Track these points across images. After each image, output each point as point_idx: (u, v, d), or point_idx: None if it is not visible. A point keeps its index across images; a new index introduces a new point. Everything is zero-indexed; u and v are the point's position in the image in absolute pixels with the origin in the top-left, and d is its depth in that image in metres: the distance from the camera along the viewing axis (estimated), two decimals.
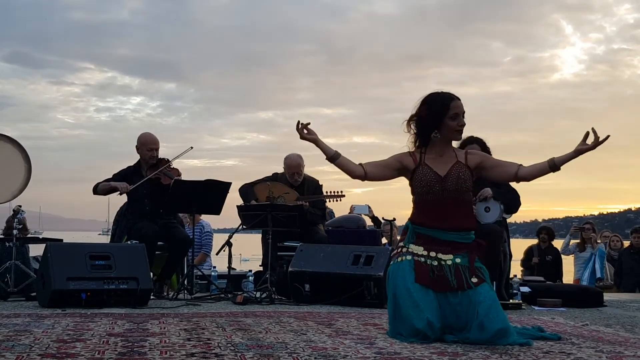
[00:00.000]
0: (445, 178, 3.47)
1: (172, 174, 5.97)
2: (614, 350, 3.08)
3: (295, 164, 6.45)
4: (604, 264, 9.18)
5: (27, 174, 5.67)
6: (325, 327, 3.76)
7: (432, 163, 3.50)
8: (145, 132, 6.18)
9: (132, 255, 5.08)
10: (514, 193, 5.72)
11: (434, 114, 3.45)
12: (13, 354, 2.69)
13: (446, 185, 3.46)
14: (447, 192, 3.45)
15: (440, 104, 3.46)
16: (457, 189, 3.46)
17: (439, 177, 3.47)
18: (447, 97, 3.48)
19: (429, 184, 3.48)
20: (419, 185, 3.50)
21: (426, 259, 3.39)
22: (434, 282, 3.32)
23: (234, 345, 3.02)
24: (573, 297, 5.59)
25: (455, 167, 3.49)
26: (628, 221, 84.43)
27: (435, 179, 3.47)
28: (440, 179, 3.47)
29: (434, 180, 3.47)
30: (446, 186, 3.46)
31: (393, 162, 3.58)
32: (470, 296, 3.27)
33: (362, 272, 5.19)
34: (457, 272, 3.32)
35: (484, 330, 3.18)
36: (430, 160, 3.51)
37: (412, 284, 3.32)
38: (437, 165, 3.49)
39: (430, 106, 3.47)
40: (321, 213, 6.54)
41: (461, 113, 3.48)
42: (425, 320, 3.21)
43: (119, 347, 2.92)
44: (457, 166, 3.49)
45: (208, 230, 8.19)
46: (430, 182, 3.48)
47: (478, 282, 3.30)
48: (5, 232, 6.64)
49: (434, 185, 3.47)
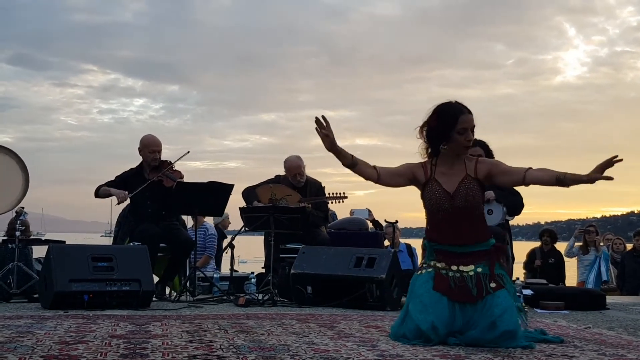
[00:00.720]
0: (454, 195, 3.43)
1: (175, 176, 5.98)
2: (616, 353, 3.07)
3: (295, 165, 6.46)
4: (609, 266, 9.17)
5: (25, 184, 5.70)
6: (328, 329, 3.76)
7: (441, 178, 3.46)
8: (148, 134, 6.18)
9: (135, 257, 5.08)
10: (517, 195, 5.72)
11: (443, 126, 3.42)
12: (15, 355, 2.69)
13: (455, 203, 3.42)
14: (457, 209, 3.42)
15: (450, 116, 3.41)
16: (466, 205, 3.42)
17: (447, 195, 3.43)
18: (458, 109, 3.43)
19: (438, 201, 3.45)
20: (429, 202, 3.48)
21: (447, 271, 3.39)
22: (452, 292, 3.32)
23: (236, 347, 3.02)
24: (575, 299, 5.58)
25: (464, 182, 3.44)
26: (631, 224, 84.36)
27: (444, 196, 3.44)
28: (449, 196, 3.43)
29: (443, 198, 3.44)
30: (455, 203, 3.42)
31: (405, 172, 3.55)
32: (487, 301, 3.27)
33: (364, 274, 5.18)
34: (477, 281, 3.33)
35: (494, 328, 3.17)
36: (440, 174, 3.47)
37: (427, 290, 3.34)
38: (447, 180, 3.45)
39: (440, 116, 3.44)
40: (323, 215, 6.54)
41: (470, 128, 3.43)
42: (430, 324, 3.22)
43: (121, 349, 2.92)
44: (466, 181, 3.44)
45: (212, 233, 8.18)
46: (440, 199, 3.45)
47: (497, 287, 3.31)
48: (8, 234, 6.64)
49: (443, 202, 3.44)
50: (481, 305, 3.28)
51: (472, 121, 3.45)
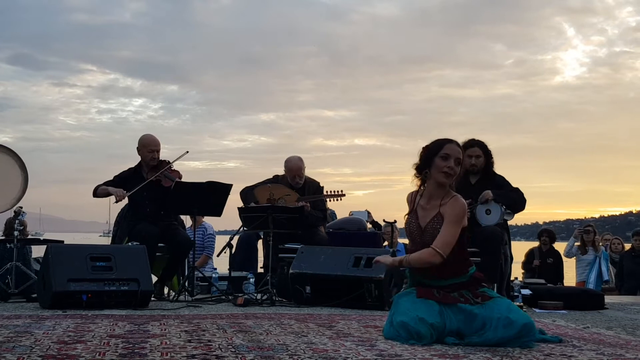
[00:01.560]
0: (425, 231, 3.48)
1: (173, 176, 5.97)
2: (615, 352, 3.07)
3: (296, 167, 6.45)
4: (609, 266, 9.18)
5: (24, 183, 5.70)
6: (326, 329, 3.76)
7: (420, 210, 3.52)
8: (147, 134, 6.18)
9: (133, 256, 5.08)
10: (518, 192, 5.71)
11: (429, 151, 3.50)
12: (14, 355, 2.69)
13: (425, 239, 3.46)
14: (427, 245, 3.42)
15: (437, 144, 3.50)
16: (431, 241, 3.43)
17: (419, 229, 3.50)
18: (447, 140, 3.51)
19: (412, 234, 3.54)
20: (407, 232, 3.57)
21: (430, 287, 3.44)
22: (437, 298, 3.36)
23: (235, 347, 3.01)
24: (574, 299, 5.59)
25: (434, 219, 3.46)
26: (629, 224, 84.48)
27: (417, 230, 3.51)
28: (421, 230, 3.49)
29: (416, 232, 3.52)
30: (425, 240, 3.45)
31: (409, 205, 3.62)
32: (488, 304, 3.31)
33: (363, 274, 5.18)
34: (460, 295, 3.38)
35: (511, 325, 3.19)
36: (420, 206, 3.53)
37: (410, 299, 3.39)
38: (423, 213, 3.51)
39: (428, 145, 3.53)
40: (322, 215, 6.54)
41: (454, 157, 3.44)
42: (415, 317, 3.24)
43: (119, 348, 2.92)
44: (436, 219, 3.45)
45: (211, 233, 8.19)
46: (413, 232, 3.53)
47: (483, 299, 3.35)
48: (6, 234, 6.64)
49: (415, 236, 3.52)
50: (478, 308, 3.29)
51: (459, 153, 3.47)
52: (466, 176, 5.68)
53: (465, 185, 5.54)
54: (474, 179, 5.72)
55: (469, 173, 5.69)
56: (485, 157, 5.71)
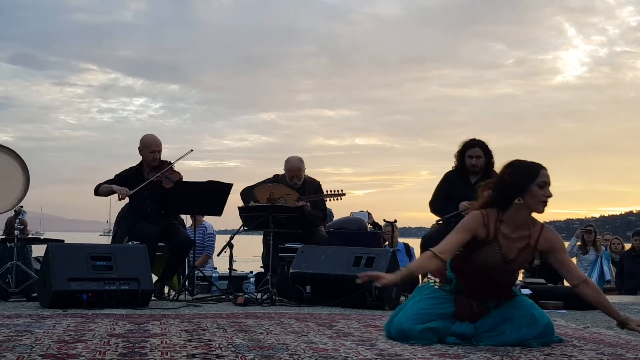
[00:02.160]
0: (511, 262, 3.29)
1: (174, 178, 5.97)
2: (615, 352, 3.07)
3: (296, 167, 6.44)
4: (610, 266, 9.18)
5: (26, 183, 5.70)
6: (326, 328, 3.76)
7: (504, 240, 3.25)
8: (148, 134, 6.17)
9: (133, 256, 5.08)
10: None
11: (522, 179, 3.20)
12: (14, 354, 2.69)
13: (508, 269, 3.32)
14: (506, 274, 3.34)
15: (530, 169, 3.23)
16: (516, 270, 3.41)
17: (504, 260, 3.27)
18: (538, 165, 3.25)
19: (492, 264, 3.28)
20: (482, 261, 3.28)
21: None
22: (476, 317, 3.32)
23: (235, 346, 3.02)
24: (574, 299, 5.56)
25: (524, 251, 3.30)
26: (629, 224, 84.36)
27: (500, 260, 3.27)
28: (505, 262, 3.28)
29: (498, 262, 3.27)
30: (507, 269, 3.32)
31: (466, 237, 3.26)
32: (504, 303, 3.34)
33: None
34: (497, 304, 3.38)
35: (535, 323, 3.21)
36: (503, 236, 3.25)
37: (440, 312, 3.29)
38: (508, 244, 3.26)
39: (517, 170, 3.24)
40: (322, 214, 6.53)
41: (549, 183, 3.24)
42: (416, 318, 3.24)
43: (120, 347, 2.92)
44: (526, 251, 3.30)
45: (211, 232, 8.19)
46: (495, 263, 3.28)
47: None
48: (6, 233, 6.64)
49: (495, 265, 3.28)
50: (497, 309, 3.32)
51: (550, 178, 3.25)
52: (466, 176, 5.70)
53: (465, 185, 5.55)
54: (474, 179, 5.72)
55: (470, 173, 5.70)
56: (485, 157, 5.71)
